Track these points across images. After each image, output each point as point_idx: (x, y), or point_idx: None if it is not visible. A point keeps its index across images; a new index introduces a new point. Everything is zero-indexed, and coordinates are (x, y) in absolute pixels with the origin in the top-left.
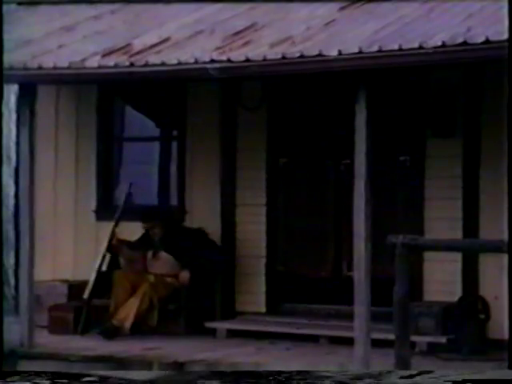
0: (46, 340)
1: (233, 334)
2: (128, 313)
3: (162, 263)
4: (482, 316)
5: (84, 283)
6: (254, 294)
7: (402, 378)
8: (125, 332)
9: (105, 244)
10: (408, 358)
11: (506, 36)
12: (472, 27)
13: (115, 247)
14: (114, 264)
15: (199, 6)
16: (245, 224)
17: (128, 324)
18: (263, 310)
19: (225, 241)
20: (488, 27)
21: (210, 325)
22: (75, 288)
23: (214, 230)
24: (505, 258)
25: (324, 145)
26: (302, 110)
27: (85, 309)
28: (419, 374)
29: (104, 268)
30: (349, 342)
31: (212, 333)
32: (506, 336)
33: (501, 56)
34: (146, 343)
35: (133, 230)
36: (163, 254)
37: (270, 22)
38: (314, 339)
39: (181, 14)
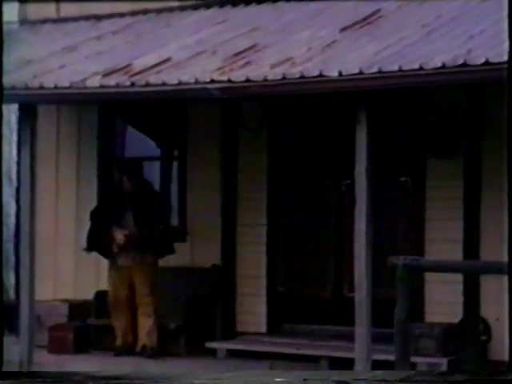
0: (45, 359)
1: (233, 354)
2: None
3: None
4: (484, 337)
5: (85, 303)
6: (255, 315)
7: None
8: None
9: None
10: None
11: (505, 58)
12: (472, 49)
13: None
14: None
15: (200, 27)
16: (245, 244)
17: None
18: (264, 330)
19: (225, 261)
20: (488, 49)
21: (210, 345)
22: (76, 308)
23: (214, 250)
24: (505, 278)
25: (325, 165)
26: (302, 130)
27: None
28: None
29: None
30: (349, 362)
31: (212, 353)
32: (506, 357)
33: (501, 77)
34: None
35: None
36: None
37: (271, 43)
38: (314, 360)
39: (182, 34)
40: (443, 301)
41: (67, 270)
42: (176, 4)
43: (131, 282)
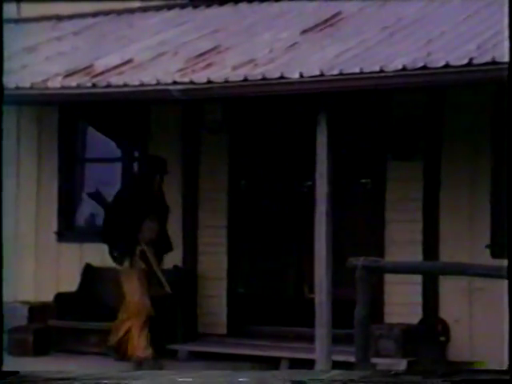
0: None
1: (194, 355)
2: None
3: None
4: (442, 338)
5: (45, 305)
6: (216, 316)
7: None
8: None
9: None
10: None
11: (465, 61)
12: (432, 52)
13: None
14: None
15: (162, 28)
16: (206, 246)
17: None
18: (225, 331)
19: (186, 262)
20: (448, 52)
21: (171, 347)
22: (36, 310)
23: (175, 251)
24: (464, 280)
25: (286, 167)
26: (263, 132)
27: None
28: None
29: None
30: (310, 363)
31: (173, 355)
32: (465, 358)
33: (460, 80)
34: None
35: (96, 252)
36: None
37: (232, 44)
38: (275, 361)
39: (144, 36)
40: (403, 302)
41: (28, 271)
42: (138, 5)
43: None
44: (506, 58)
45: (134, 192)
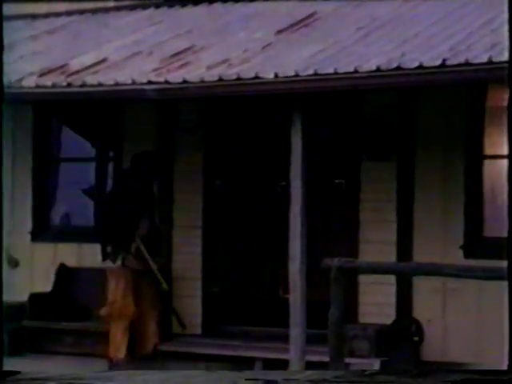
0: None
1: (169, 355)
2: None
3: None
4: (416, 338)
5: (19, 305)
6: (190, 316)
7: None
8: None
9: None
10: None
11: (439, 62)
12: (406, 52)
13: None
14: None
15: (137, 27)
16: (181, 246)
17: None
18: (199, 331)
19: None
20: (422, 53)
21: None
22: (10, 310)
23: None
24: (437, 280)
25: (260, 167)
26: (238, 132)
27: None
28: None
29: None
30: (284, 363)
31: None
32: (439, 358)
33: (433, 81)
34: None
35: (71, 252)
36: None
37: (207, 44)
38: (249, 361)
39: (118, 35)
40: (377, 302)
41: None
42: (112, 4)
43: (136, 286)
44: (482, 60)
45: (130, 188)
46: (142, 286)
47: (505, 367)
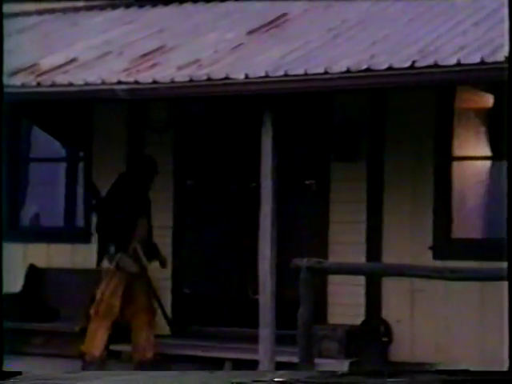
0: None
1: None
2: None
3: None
4: (385, 339)
5: None
6: (160, 316)
7: None
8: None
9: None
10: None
11: (408, 64)
12: (376, 54)
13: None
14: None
15: (107, 27)
16: None
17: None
18: (169, 332)
19: None
20: (392, 55)
21: (115, 347)
22: None
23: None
24: (406, 281)
25: (231, 167)
26: (209, 132)
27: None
28: None
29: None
30: (254, 364)
31: (117, 356)
32: (407, 359)
33: (403, 83)
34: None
35: (40, 252)
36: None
37: (178, 44)
38: (219, 362)
39: (89, 35)
40: (346, 303)
41: None
42: (82, 4)
43: (128, 289)
44: (451, 62)
45: (128, 191)
46: (135, 290)
47: (476, 367)
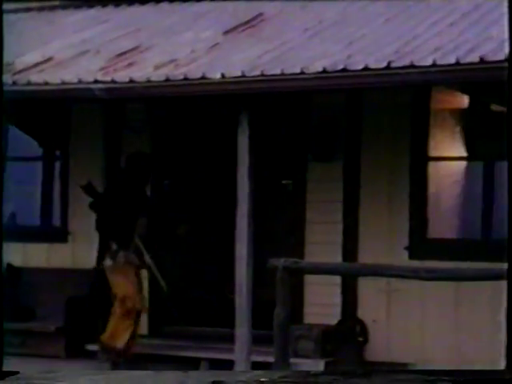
0: None
1: None
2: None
3: None
4: (361, 339)
5: None
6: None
7: None
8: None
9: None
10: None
11: (384, 64)
12: (352, 54)
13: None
14: None
15: (84, 26)
16: None
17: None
18: (145, 331)
19: None
20: (368, 55)
21: (90, 347)
22: None
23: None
24: (382, 281)
25: (208, 167)
26: (186, 132)
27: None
28: None
29: None
30: (230, 364)
31: (93, 355)
32: (383, 358)
33: (379, 83)
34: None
35: (16, 251)
36: None
37: (154, 44)
38: (195, 362)
39: (65, 33)
40: (322, 302)
41: None
42: (58, 2)
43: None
44: (427, 62)
45: (127, 188)
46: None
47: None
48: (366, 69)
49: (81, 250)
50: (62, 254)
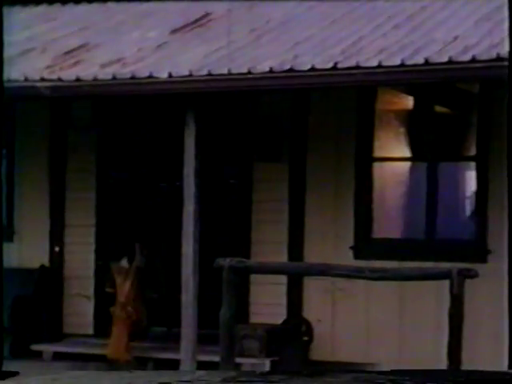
0: None
1: (60, 356)
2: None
3: None
4: (306, 338)
5: None
6: (82, 316)
7: None
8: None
9: None
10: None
11: (330, 65)
12: (299, 55)
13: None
14: None
15: (31, 24)
16: (74, 245)
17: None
18: (91, 332)
19: (53, 261)
20: (314, 55)
21: (36, 347)
22: None
23: (42, 250)
24: (327, 281)
25: (156, 166)
26: (134, 130)
27: None
28: None
29: None
30: (176, 363)
31: (38, 355)
32: (328, 358)
33: (325, 83)
34: None
35: None
36: None
37: (101, 42)
38: (142, 361)
39: (11, 31)
40: (268, 302)
41: None
42: None
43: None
44: (372, 63)
45: None
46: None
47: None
48: (312, 69)
49: (27, 250)
50: (8, 253)
